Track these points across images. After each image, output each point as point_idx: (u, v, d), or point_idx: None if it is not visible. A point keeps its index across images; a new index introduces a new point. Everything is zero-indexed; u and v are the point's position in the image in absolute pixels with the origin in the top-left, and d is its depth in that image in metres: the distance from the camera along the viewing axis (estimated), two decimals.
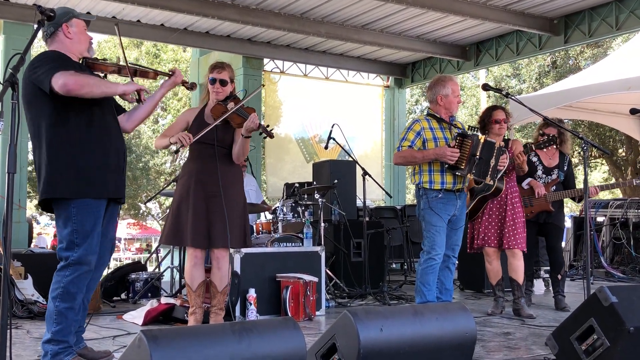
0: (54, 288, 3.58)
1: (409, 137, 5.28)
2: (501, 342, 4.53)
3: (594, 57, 18.78)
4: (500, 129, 5.76)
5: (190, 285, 4.70)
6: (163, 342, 2.27)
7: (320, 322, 5.57)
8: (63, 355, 3.55)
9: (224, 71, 4.74)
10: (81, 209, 3.57)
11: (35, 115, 3.60)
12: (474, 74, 22.29)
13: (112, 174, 3.73)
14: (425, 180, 5.24)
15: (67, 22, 3.73)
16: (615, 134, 18.53)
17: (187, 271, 4.73)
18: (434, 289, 5.22)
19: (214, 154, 4.62)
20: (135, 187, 27.80)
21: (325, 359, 2.85)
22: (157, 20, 9.80)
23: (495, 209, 5.73)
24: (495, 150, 5.22)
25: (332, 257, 7.45)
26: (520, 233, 5.66)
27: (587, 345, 3.22)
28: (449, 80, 5.37)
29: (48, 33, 3.73)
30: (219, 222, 4.54)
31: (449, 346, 3.00)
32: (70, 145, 3.58)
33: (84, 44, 3.81)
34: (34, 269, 5.90)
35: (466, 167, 5.10)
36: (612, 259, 9.31)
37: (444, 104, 5.32)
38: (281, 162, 12.08)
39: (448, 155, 5.08)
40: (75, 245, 3.57)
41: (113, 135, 3.79)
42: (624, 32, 9.70)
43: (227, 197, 4.58)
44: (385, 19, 9.92)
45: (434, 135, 5.26)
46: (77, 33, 3.76)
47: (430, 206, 5.22)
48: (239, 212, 4.71)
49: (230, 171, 4.70)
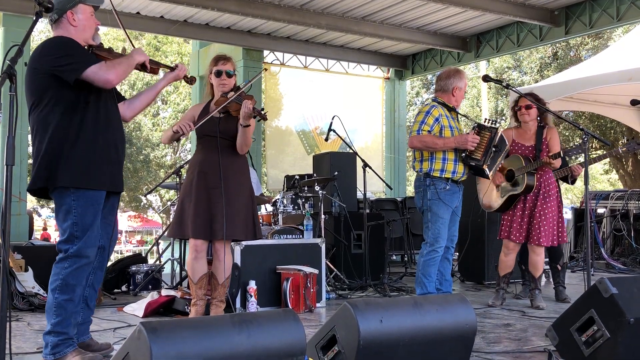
0: (53, 280, 3.57)
1: (428, 121, 5.25)
2: (501, 334, 4.53)
3: (595, 49, 18.74)
4: (522, 116, 5.74)
5: (191, 277, 4.71)
6: (162, 333, 2.27)
7: (321, 313, 5.57)
8: (63, 346, 3.54)
9: (228, 62, 4.75)
10: (81, 201, 3.56)
11: (45, 104, 3.56)
12: (474, 66, 22.24)
13: (111, 167, 3.72)
14: (437, 168, 5.22)
15: (73, 8, 3.66)
16: (616, 126, 18.50)
17: (188, 263, 4.74)
18: (434, 280, 5.24)
19: (216, 145, 4.62)
20: (136, 179, 27.83)
21: (325, 350, 2.85)
22: (157, 12, 9.78)
23: (527, 204, 5.61)
24: (505, 149, 5.34)
25: (332, 249, 7.45)
26: (548, 229, 5.52)
27: (587, 337, 3.22)
28: (464, 75, 5.49)
29: (53, 19, 3.68)
30: (220, 213, 4.53)
31: (449, 337, 3.00)
32: (74, 135, 3.55)
33: (89, 32, 3.75)
34: (35, 261, 5.91)
35: (482, 157, 5.17)
36: (613, 251, 9.31)
37: (457, 96, 5.39)
38: (282, 154, 12.08)
39: (470, 141, 5.14)
40: (75, 238, 3.55)
41: (114, 126, 3.77)
42: (625, 23, 9.67)
43: (229, 188, 4.57)
44: (385, 10, 9.90)
45: (450, 123, 5.29)
46: (82, 20, 3.69)
47: (440, 197, 5.21)
48: (244, 203, 4.69)
49: (234, 162, 4.69)
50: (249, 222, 4.71)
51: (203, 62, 11.52)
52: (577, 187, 28.27)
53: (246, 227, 4.68)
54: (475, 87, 23.62)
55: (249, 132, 4.61)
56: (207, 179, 4.60)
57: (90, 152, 3.59)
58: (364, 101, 12.75)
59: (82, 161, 3.56)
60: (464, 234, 5.87)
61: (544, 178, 5.64)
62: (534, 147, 5.67)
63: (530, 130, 5.75)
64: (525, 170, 5.56)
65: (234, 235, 4.64)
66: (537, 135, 5.70)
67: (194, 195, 4.59)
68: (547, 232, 5.55)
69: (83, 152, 3.57)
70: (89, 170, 3.58)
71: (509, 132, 5.85)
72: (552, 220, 5.58)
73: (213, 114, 4.57)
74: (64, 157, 3.53)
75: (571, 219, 9.93)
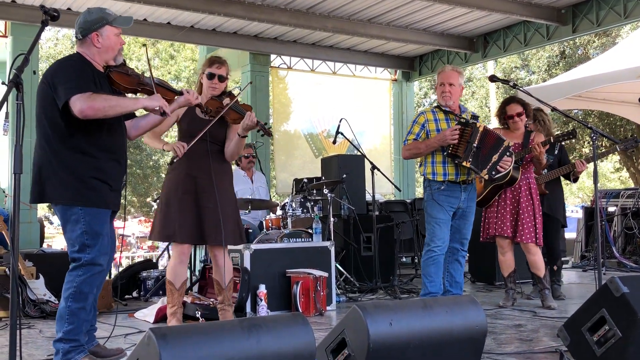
0: (67, 288, 3.59)
1: (414, 130, 5.31)
2: (513, 335, 4.51)
3: (603, 46, 18.66)
4: (514, 124, 5.74)
5: (173, 282, 4.52)
6: (172, 339, 2.27)
7: (331, 317, 5.56)
8: (74, 353, 3.56)
9: (223, 67, 4.65)
10: (88, 212, 3.59)
11: (47, 118, 3.59)
12: (482, 66, 22.19)
13: (114, 192, 3.74)
14: (429, 171, 5.26)
15: (99, 30, 3.69)
16: (626, 124, 18.39)
17: (170, 268, 4.57)
18: (437, 280, 5.20)
19: (207, 149, 4.49)
20: (146, 185, 27.91)
21: (335, 353, 2.85)
22: (163, 18, 9.81)
23: (509, 199, 5.67)
24: (502, 147, 5.16)
25: (342, 251, 7.45)
26: (533, 226, 5.58)
27: (599, 336, 3.20)
28: (442, 70, 5.41)
29: (78, 37, 3.71)
30: (213, 218, 4.43)
31: (459, 339, 2.99)
32: (77, 155, 3.57)
33: (111, 53, 3.76)
34: (46, 268, 5.93)
35: (463, 154, 5.07)
36: (624, 249, 9.24)
37: (438, 95, 5.38)
38: (290, 158, 12.08)
39: (448, 135, 5.06)
40: (87, 247, 3.57)
41: (118, 146, 3.78)
42: (633, 20, 9.60)
43: (220, 193, 4.48)
44: (391, 12, 9.89)
45: (438, 126, 5.25)
46: (106, 41, 3.71)
47: (433, 198, 5.22)
48: (232, 208, 4.64)
49: (221, 168, 4.61)
50: (235, 227, 4.63)
51: None
52: (588, 186, 28.14)
53: (234, 232, 4.59)
54: (484, 87, 23.57)
55: (243, 142, 4.57)
56: (197, 183, 4.48)
57: (92, 174, 3.61)
58: (371, 103, 12.73)
59: (85, 182, 3.58)
60: (476, 230, 5.81)
61: (525, 176, 5.69)
62: (521, 144, 5.71)
63: (518, 132, 5.80)
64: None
65: (228, 240, 4.52)
66: (525, 136, 5.76)
67: (181, 199, 4.46)
68: (536, 230, 5.60)
69: (84, 173, 3.58)
70: (93, 190, 3.60)
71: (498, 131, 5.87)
72: (538, 218, 5.63)
73: (214, 122, 4.44)
74: (68, 176, 3.56)
75: (582, 218, 9.87)
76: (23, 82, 2.77)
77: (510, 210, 5.67)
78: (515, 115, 5.73)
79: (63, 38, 27.66)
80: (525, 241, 5.59)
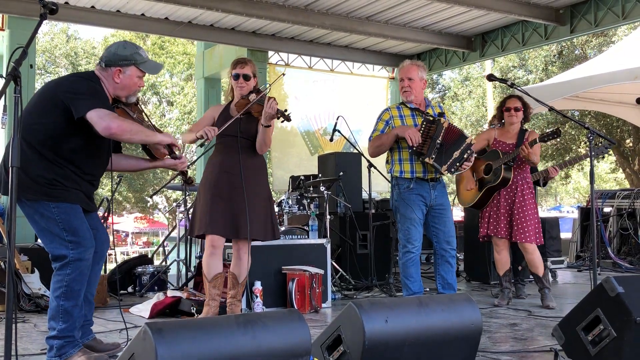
0: (57, 287, 3.54)
1: (378, 127, 5.32)
2: (507, 333, 4.52)
3: (600, 47, 18.69)
4: (509, 117, 5.76)
5: (206, 274, 4.70)
6: (168, 334, 2.27)
7: (327, 314, 5.57)
8: (68, 347, 3.55)
9: (247, 66, 4.86)
10: (62, 208, 3.56)
11: (43, 123, 3.55)
12: (480, 65, 22.20)
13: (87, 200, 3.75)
14: (397, 169, 5.23)
15: (123, 67, 3.71)
16: (623, 124, 18.45)
17: (204, 260, 4.75)
18: (418, 279, 5.18)
19: (238, 145, 4.68)
20: (142, 181, 27.90)
21: (330, 350, 2.85)
22: (161, 13, 9.78)
23: (503, 200, 5.68)
24: (465, 144, 5.09)
25: (337, 249, 7.45)
26: (530, 226, 5.59)
27: (594, 336, 3.20)
28: (400, 67, 5.42)
29: (102, 64, 3.71)
30: (242, 213, 4.59)
31: (455, 337, 3.00)
32: (57, 165, 3.55)
33: (125, 92, 3.78)
34: (41, 263, 5.91)
35: (427, 151, 5.04)
36: (619, 250, 9.28)
37: (400, 91, 5.37)
38: (287, 156, 12.06)
39: (408, 133, 5.01)
40: (69, 243, 3.53)
41: (98, 172, 3.81)
42: (630, 21, 9.62)
43: (250, 188, 4.64)
44: (390, 10, 9.88)
45: (403, 123, 5.25)
46: (126, 80, 3.73)
47: (403, 197, 5.18)
48: (262, 203, 4.75)
49: (254, 162, 4.76)
50: (267, 222, 4.77)
51: (208, 64, 11.53)
52: (584, 187, 28.20)
53: (265, 227, 4.74)
54: (481, 86, 23.58)
55: (269, 132, 4.67)
56: (230, 179, 4.66)
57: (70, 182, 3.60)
58: (368, 101, 12.72)
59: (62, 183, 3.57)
60: (473, 232, 5.82)
61: (520, 176, 5.70)
62: (514, 145, 5.72)
63: (513, 131, 5.81)
64: (503, 161, 5.60)
65: (255, 234, 4.67)
66: (519, 135, 5.76)
67: (217, 194, 4.64)
68: (532, 230, 5.59)
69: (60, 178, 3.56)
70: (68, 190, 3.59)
71: (492, 131, 5.94)
72: (533, 218, 5.63)
73: (239, 115, 4.65)
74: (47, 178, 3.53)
75: (577, 218, 9.90)
76: (21, 75, 2.75)
77: (506, 210, 5.68)
78: (513, 109, 5.74)
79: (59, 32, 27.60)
80: (522, 241, 5.60)
